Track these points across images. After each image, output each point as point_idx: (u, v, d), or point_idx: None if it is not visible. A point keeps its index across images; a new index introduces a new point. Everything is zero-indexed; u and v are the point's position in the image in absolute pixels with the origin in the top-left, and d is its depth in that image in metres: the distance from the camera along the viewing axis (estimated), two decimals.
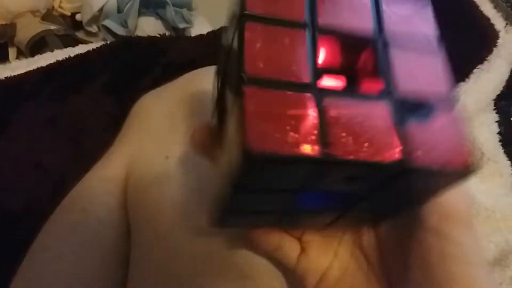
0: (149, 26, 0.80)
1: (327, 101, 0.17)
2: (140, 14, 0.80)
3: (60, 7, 0.83)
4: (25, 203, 0.52)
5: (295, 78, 0.17)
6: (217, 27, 0.83)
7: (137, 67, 0.65)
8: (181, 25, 0.82)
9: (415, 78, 0.19)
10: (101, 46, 0.63)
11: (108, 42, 0.66)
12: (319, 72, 0.18)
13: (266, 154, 0.15)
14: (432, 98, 0.18)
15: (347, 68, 0.20)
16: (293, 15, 0.18)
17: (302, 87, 0.17)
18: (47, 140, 0.56)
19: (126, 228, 0.38)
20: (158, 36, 0.71)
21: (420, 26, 0.20)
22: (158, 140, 0.39)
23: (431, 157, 0.17)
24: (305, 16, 0.19)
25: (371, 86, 0.19)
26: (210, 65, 0.67)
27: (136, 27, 0.79)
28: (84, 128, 0.57)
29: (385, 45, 0.19)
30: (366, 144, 0.17)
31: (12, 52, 0.80)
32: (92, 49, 0.63)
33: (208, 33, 0.78)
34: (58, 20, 0.81)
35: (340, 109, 0.17)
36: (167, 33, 0.76)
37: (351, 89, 0.19)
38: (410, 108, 0.18)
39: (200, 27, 0.89)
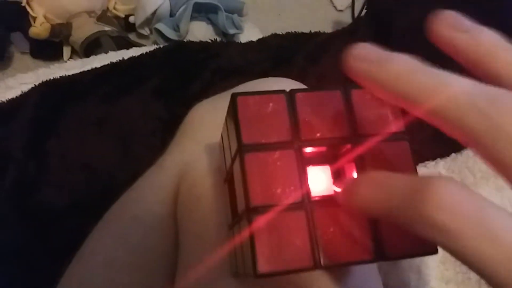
0: (200, 31, 0.80)
1: (317, 212, 0.21)
2: (192, 18, 0.80)
3: (114, 8, 0.84)
4: (71, 202, 0.52)
5: (287, 199, 0.22)
6: (266, 34, 0.82)
7: (187, 71, 0.64)
8: (232, 31, 0.82)
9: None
10: (154, 49, 0.64)
11: (161, 45, 0.67)
12: (308, 187, 0.22)
13: (271, 272, 0.20)
14: None
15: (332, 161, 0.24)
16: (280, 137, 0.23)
17: (296, 206, 0.21)
18: (96, 141, 0.56)
19: (175, 238, 0.37)
20: (209, 41, 0.71)
21: (389, 122, 0.24)
22: (211, 151, 0.38)
23: (401, 248, 0.21)
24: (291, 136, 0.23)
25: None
26: (259, 72, 0.66)
27: (187, 31, 0.79)
28: (132, 131, 0.57)
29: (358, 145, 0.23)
30: (348, 248, 0.21)
31: (66, 51, 0.81)
32: (146, 52, 0.63)
33: (258, 40, 0.77)
34: (112, 21, 0.82)
35: (328, 219, 0.21)
36: (218, 39, 0.76)
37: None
38: None
39: (249, 33, 0.88)
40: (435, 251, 0.22)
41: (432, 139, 0.49)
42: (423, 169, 0.47)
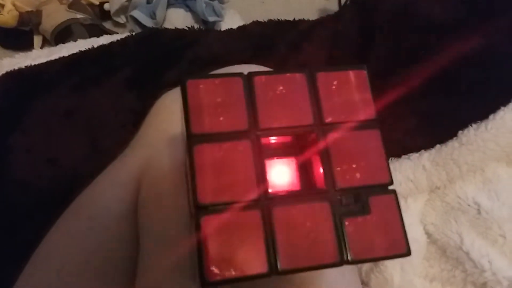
0: (178, 18, 0.76)
1: (275, 211, 0.19)
2: (169, 5, 0.77)
3: None
4: (35, 200, 0.49)
5: (242, 197, 0.19)
6: (248, 21, 0.79)
7: (162, 61, 0.61)
8: (211, 18, 0.78)
9: (352, 169, 0.20)
10: (125, 37, 0.60)
11: (133, 33, 0.63)
12: (265, 185, 0.20)
13: (221, 280, 0.18)
14: (367, 188, 0.20)
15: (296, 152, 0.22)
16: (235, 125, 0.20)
17: (251, 204, 0.19)
18: (63, 134, 0.53)
19: (135, 237, 0.34)
20: (186, 29, 0.67)
21: (358, 110, 0.21)
22: (176, 143, 0.35)
23: (368, 250, 0.19)
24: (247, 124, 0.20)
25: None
26: (240, 61, 0.63)
27: (164, 19, 0.76)
28: (102, 124, 0.54)
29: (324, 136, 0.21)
30: (309, 251, 0.19)
31: (37, 40, 0.78)
32: (116, 40, 0.60)
33: (239, 27, 0.74)
34: (85, 9, 0.78)
35: (286, 218, 0.19)
36: (196, 26, 0.72)
37: (296, 193, 0.21)
38: (347, 203, 0.20)
39: (231, 20, 0.85)
40: (406, 253, 0.19)
41: (416, 129, 0.46)
42: (406, 162, 0.45)
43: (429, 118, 0.47)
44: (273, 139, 0.21)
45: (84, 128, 0.54)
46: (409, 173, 0.44)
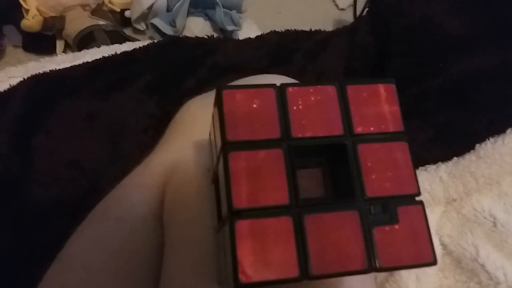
0: (197, 27, 0.78)
1: (306, 218, 0.20)
2: (188, 14, 0.78)
3: (110, 2, 0.82)
4: (56, 201, 0.50)
5: (274, 203, 0.20)
6: (265, 31, 0.80)
7: (182, 67, 0.62)
8: (230, 28, 0.80)
9: (381, 178, 0.21)
10: (147, 44, 0.62)
11: (155, 40, 0.65)
12: (296, 192, 0.20)
13: (254, 282, 0.19)
14: (395, 198, 0.21)
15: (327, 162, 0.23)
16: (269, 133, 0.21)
17: (283, 210, 0.20)
18: (85, 137, 0.54)
19: (160, 241, 0.35)
20: (206, 37, 0.69)
21: (387, 121, 0.22)
22: (201, 149, 0.36)
23: (395, 258, 0.20)
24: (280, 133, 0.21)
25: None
26: (257, 70, 0.64)
27: (184, 27, 0.77)
28: (123, 128, 0.55)
29: (354, 146, 0.21)
30: (338, 258, 0.19)
31: (59, 45, 0.80)
32: (139, 47, 0.61)
33: (256, 37, 0.75)
34: (107, 15, 0.80)
35: (316, 225, 0.20)
36: (215, 35, 0.74)
37: (326, 202, 0.22)
38: (376, 212, 0.20)
39: (248, 30, 0.86)
40: (433, 262, 0.20)
41: (433, 141, 0.47)
42: (423, 173, 0.45)
43: (446, 131, 0.47)
44: (304, 148, 0.22)
45: (106, 132, 0.55)
46: (426, 185, 0.45)
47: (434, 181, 0.45)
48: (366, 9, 0.76)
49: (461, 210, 0.45)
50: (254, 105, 0.21)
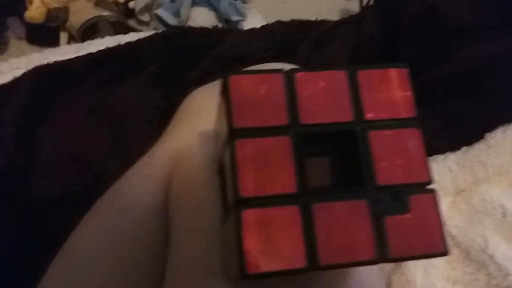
0: (202, 17, 0.77)
1: (314, 207, 0.19)
2: (193, 4, 0.77)
3: None
4: (60, 193, 0.50)
5: (281, 191, 0.19)
6: (270, 21, 0.80)
7: (186, 58, 0.62)
8: (234, 18, 0.79)
9: (392, 166, 0.20)
10: (152, 35, 0.61)
11: (159, 31, 0.64)
12: (304, 180, 0.20)
13: (260, 273, 0.18)
14: (406, 187, 0.20)
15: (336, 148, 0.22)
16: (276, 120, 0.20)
17: (290, 199, 0.19)
18: (89, 129, 0.54)
19: (164, 231, 0.35)
20: (210, 27, 0.68)
21: (399, 107, 0.21)
22: (207, 139, 0.35)
23: (407, 248, 0.19)
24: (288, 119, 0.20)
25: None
26: (262, 60, 0.64)
27: (188, 17, 0.77)
28: (127, 119, 0.55)
29: (364, 133, 0.21)
30: (348, 248, 0.19)
31: (63, 36, 0.79)
32: (143, 37, 0.61)
33: (261, 27, 0.75)
34: (111, 6, 0.79)
35: (325, 214, 0.19)
36: (220, 25, 0.73)
37: (335, 190, 0.22)
38: (386, 201, 0.20)
39: (253, 20, 0.86)
40: (445, 253, 0.19)
41: (442, 130, 0.46)
42: (432, 164, 0.45)
43: (455, 120, 0.46)
44: (313, 135, 0.21)
45: (109, 124, 0.55)
46: (434, 175, 0.44)
47: (442, 171, 0.44)
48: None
49: (469, 200, 0.45)
50: (262, 91, 0.21)
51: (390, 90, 0.21)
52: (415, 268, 0.45)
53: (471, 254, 0.44)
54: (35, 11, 0.72)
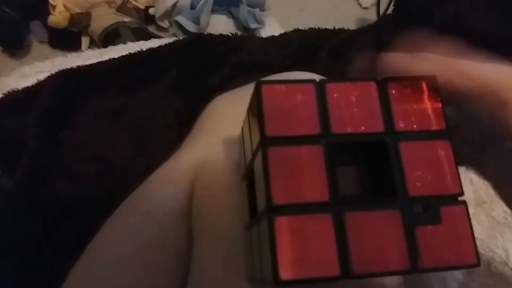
0: (221, 25, 0.78)
1: (347, 216, 0.19)
2: (212, 11, 0.78)
3: (134, 0, 0.83)
4: (82, 194, 0.51)
5: (313, 199, 0.19)
6: (287, 29, 0.80)
7: (206, 64, 0.63)
8: (253, 25, 0.80)
9: (424, 177, 0.21)
10: (173, 41, 0.62)
11: (180, 38, 0.65)
12: (336, 189, 0.20)
13: (294, 280, 0.18)
14: (438, 198, 0.20)
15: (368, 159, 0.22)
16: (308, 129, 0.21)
17: (323, 207, 0.19)
18: (111, 133, 0.55)
19: (188, 236, 0.35)
20: (230, 35, 0.69)
21: (429, 119, 0.22)
22: (230, 146, 0.36)
23: (438, 259, 0.19)
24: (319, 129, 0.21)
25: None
26: (281, 67, 0.64)
27: (207, 24, 0.78)
28: (148, 124, 0.56)
29: (396, 143, 0.21)
30: (380, 257, 0.19)
31: (85, 41, 0.81)
32: (165, 44, 0.62)
33: (280, 35, 0.75)
34: (132, 12, 0.81)
35: (357, 223, 0.19)
36: (239, 33, 0.74)
37: (367, 200, 0.22)
38: (418, 212, 0.20)
39: (270, 28, 0.86)
40: (477, 264, 0.20)
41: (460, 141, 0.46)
42: None
43: None
44: (343, 144, 0.21)
45: (131, 128, 0.56)
46: None
47: (464, 183, 0.43)
48: (391, 7, 0.75)
49: (491, 212, 0.44)
50: (294, 101, 0.21)
51: (421, 101, 0.21)
52: (435, 278, 0.45)
53: (492, 266, 0.44)
54: (59, 16, 0.73)
